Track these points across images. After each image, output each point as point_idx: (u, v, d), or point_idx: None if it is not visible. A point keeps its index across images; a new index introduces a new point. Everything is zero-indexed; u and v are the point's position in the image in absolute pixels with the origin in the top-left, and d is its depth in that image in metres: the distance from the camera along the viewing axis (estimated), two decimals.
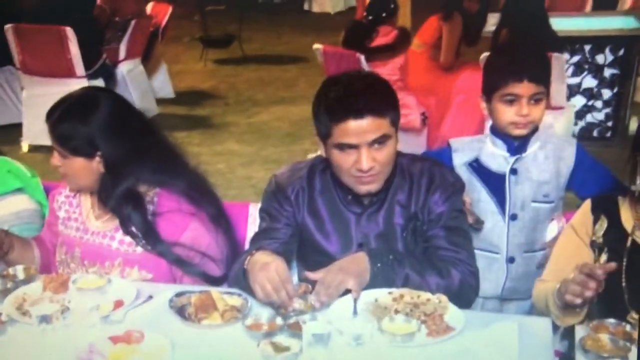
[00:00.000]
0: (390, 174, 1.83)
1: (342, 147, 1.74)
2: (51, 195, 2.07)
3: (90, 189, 1.94)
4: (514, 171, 2.13)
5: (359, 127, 1.70)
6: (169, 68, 6.82)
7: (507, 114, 2.05)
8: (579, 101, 4.83)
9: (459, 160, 2.20)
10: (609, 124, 4.78)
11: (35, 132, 5.11)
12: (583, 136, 4.79)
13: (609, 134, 4.78)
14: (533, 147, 2.13)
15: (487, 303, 2.22)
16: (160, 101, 6.31)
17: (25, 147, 5.10)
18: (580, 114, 4.81)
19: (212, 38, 8.43)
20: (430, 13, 5.12)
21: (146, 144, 1.88)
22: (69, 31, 4.88)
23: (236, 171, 4.94)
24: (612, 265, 1.57)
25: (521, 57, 2.11)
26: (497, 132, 2.13)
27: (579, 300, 1.56)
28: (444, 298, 1.66)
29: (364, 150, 1.72)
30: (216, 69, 8.01)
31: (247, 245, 2.18)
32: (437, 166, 1.91)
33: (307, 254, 1.95)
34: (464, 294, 1.78)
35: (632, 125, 5.13)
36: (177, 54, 8.34)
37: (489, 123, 4.37)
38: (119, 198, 1.85)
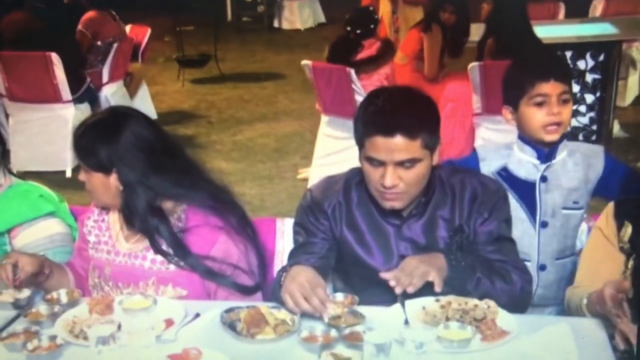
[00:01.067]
0: (429, 188, 1.86)
1: (370, 160, 1.77)
2: (80, 221, 2.08)
3: (112, 205, 1.96)
4: (543, 178, 2.13)
5: (388, 145, 1.72)
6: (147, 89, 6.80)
7: (538, 116, 2.06)
8: None
9: (487, 169, 2.19)
10: (594, 127, 4.91)
11: (23, 158, 5.06)
12: (569, 140, 4.89)
13: (593, 137, 4.90)
14: (562, 154, 2.14)
15: None
16: None
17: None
18: None
19: (188, 58, 8.42)
20: None
21: (165, 161, 1.90)
22: (54, 57, 4.86)
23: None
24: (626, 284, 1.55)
25: (544, 59, 2.18)
26: (526, 139, 2.14)
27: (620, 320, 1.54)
28: (492, 303, 1.69)
29: (390, 167, 1.74)
30: (194, 89, 8.01)
31: (277, 261, 2.21)
32: (477, 177, 1.93)
33: (347, 268, 1.96)
34: (524, 300, 1.83)
35: (616, 128, 5.29)
36: (153, 75, 8.29)
37: (478, 131, 4.52)
38: (142, 214, 1.87)
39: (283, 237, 2.23)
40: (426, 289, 1.71)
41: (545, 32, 4.79)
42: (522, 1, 4.57)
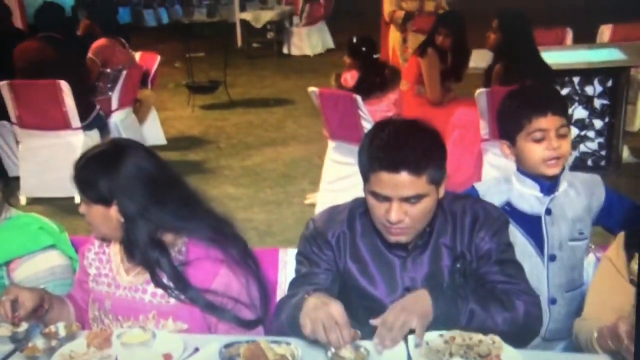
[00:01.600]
0: (432, 216, 1.83)
1: (375, 195, 1.75)
2: (81, 253, 2.07)
3: (112, 237, 1.95)
4: (548, 211, 2.10)
5: (393, 181, 1.70)
6: (157, 115, 6.84)
7: (537, 151, 2.04)
8: (572, 132, 4.91)
9: None
10: (603, 152, 4.88)
11: (33, 184, 5.11)
12: (578, 166, 4.89)
13: (603, 163, 4.87)
14: (563, 185, 2.12)
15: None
16: (152, 148, 6.25)
17: (23, 199, 5.06)
18: (573, 144, 4.91)
19: (198, 84, 8.48)
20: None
21: (166, 192, 1.88)
22: (64, 84, 4.90)
23: (236, 215, 4.81)
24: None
25: (539, 93, 2.12)
26: (526, 172, 2.11)
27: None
28: (497, 339, 1.65)
29: (395, 203, 1.72)
30: (204, 114, 8.05)
31: (279, 291, 2.19)
32: (479, 203, 1.92)
33: (351, 299, 1.92)
34: (530, 325, 1.77)
35: (625, 154, 5.25)
36: (163, 101, 8.36)
37: (486, 157, 4.49)
38: (143, 246, 1.85)
39: (285, 268, 2.21)
40: (447, 318, 1.68)
41: (553, 57, 4.79)
42: (529, 27, 4.56)
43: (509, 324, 1.71)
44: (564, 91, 4.88)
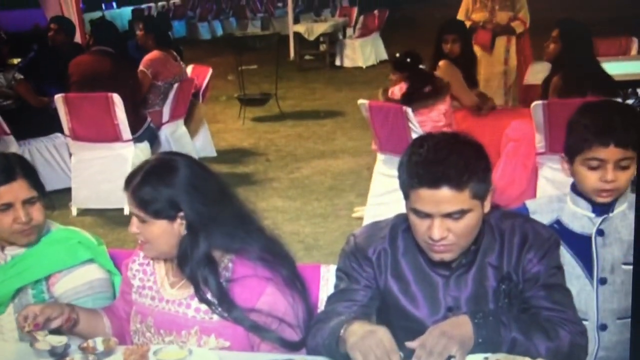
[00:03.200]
0: (478, 234, 1.75)
1: (416, 212, 1.68)
2: (124, 264, 2.05)
3: (169, 255, 1.91)
4: (600, 232, 1.98)
5: (434, 197, 1.63)
6: (208, 127, 6.89)
7: (591, 179, 1.92)
8: None
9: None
10: None
11: (84, 196, 5.19)
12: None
13: None
14: (622, 207, 1.99)
15: None
16: (202, 160, 6.31)
17: (74, 211, 5.14)
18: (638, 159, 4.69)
19: (249, 97, 8.54)
20: None
21: (222, 206, 1.86)
22: (116, 97, 4.97)
23: (283, 227, 4.90)
24: None
25: (608, 118, 1.94)
26: (579, 192, 2.01)
27: None
28: None
29: (437, 220, 1.65)
30: (254, 127, 8.09)
31: (320, 309, 2.13)
32: (529, 222, 1.82)
33: (391, 319, 1.85)
34: (574, 356, 1.68)
35: None
36: (215, 114, 8.45)
37: (542, 171, 4.34)
38: (197, 261, 1.82)
39: (327, 285, 2.15)
40: (488, 345, 1.60)
41: (616, 68, 4.62)
42: (589, 38, 4.40)
43: (553, 354, 1.62)
44: (628, 102, 4.68)
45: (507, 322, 1.64)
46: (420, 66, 4.57)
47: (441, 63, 4.88)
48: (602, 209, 1.99)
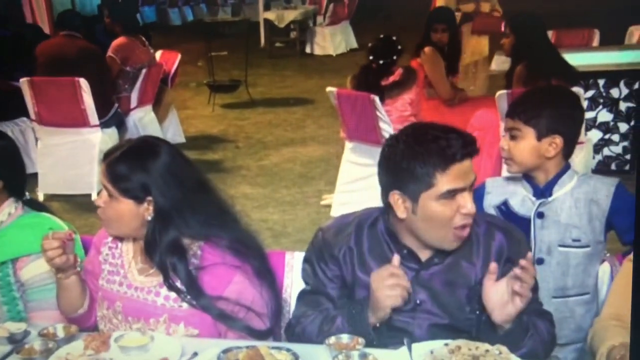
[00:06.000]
0: None
1: (448, 194, 1.66)
2: (95, 247, 2.02)
3: (128, 235, 1.91)
4: (540, 214, 2.12)
5: (462, 169, 1.66)
6: (178, 113, 6.84)
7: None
8: (595, 135, 4.82)
9: (489, 203, 2.20)
10: (627, 157, 4.76)
11: (51, 181, 5.12)
12: (601, 170, 4.78)
13: (627, 167, 4.75)
14: (562, 190, 2.12)
15: None
16: None
17: (41, 196, 5.06)
18: (596, 148, 4.80)
19: (219, 83, 8.48)
20: None
21: (197, 196, 1.86)
22: (83, 82, 4.91)
23: (251, 214, 4.89)
24: None
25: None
26: (526, 174, 2.15)
27: None
28: (504, 349, 1.60)
29: (467, 193, 1.68)
30: (224, 113, 8.05)
31: (285, 295, 2.14)
32: (505, 226, 1.83)
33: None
34: (552, 344, 1.76)
35: None
36: (184, 100, 8.38)
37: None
38: (165, 249, 1.82)
39: (292, 271, 2.17)
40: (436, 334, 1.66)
41: (579, 59, 4.69)
42: (542, 27, 4.49)
43: (541, 347, 1.70)
44: (589, 93, 4.78)
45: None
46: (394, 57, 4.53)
47: (426, 49, 4.91)
48: (541, 192, 2.13)
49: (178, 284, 1.83)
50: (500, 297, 1.67)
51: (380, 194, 1.80)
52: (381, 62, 4.40)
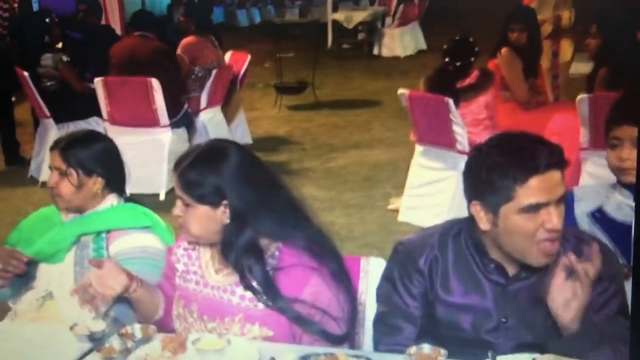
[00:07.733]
0: None
1: (530, 209, 1.58)
2: (168, 249, 2.05)
3: (208, 241, 1.90)
4: None
5: (552, 181, 1.57)
6: (245, 114, 6.89)
7: (612, 157, 2.06)
8: None
9: (581, 210, 2.09)
10: None
11: None
12: None
13: None
14: None
15: None
16: None
17: None
18: None
19: (286, 85, 8.51)
20: None
21: (271, 195, 1.84)
22: (155, 82, 4.99)
23: (318, 217, 4.86)
24: None
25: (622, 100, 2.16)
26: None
27: None
28: None
29: (553, 208, 1.57)
30: (290, 115, 8.06)
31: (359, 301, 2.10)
32: (599, 243, 1.72)
33: (439, 328, 1.79)
34: None
35: None
36: (252, 101, 8.44)
37: (585, 167, 4.23)
38: (241, 250, 1.80)
39: (367, 277, 2.12)
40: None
41: None
42: (631, 29, 4.27)
43: None
44: None
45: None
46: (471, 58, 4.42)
47: (503, 50, 4.75)
48: None
49: (254, 283, 1.81)
50: (564, 294, 1.59)
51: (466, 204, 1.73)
52: (458, 64, 4.30)
